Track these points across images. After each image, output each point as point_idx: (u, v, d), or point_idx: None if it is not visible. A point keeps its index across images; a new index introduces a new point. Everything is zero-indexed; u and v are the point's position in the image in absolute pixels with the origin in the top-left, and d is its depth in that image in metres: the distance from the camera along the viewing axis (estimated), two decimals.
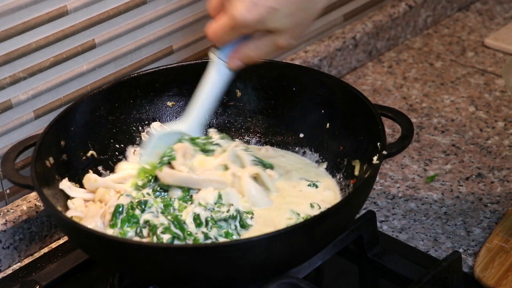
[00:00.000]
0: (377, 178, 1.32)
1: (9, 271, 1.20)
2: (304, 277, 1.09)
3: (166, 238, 1.03)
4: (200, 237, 1.04)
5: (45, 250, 1.23)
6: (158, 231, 1.03)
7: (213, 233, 1.05)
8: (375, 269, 1.16)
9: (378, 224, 1.23)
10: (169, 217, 1.05)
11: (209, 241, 1.04)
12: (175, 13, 1.36)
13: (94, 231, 1.02)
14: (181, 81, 1.25)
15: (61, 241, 1.24)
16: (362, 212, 1.20)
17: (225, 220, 1.07)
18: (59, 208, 1.08)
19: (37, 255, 1.23)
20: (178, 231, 1.03)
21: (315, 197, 1.14)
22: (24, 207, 1.21)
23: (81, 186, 1.15)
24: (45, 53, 1.22)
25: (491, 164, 1.35)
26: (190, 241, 1.03)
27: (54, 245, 1.24)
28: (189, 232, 1.04)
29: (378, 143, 1.09)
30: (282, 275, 1.04)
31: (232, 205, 1.08)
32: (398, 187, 1.32)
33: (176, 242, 1.03)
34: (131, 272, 1.05)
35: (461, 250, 1.20)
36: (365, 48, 1.62)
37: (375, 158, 1.09)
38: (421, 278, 1.07)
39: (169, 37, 1.36)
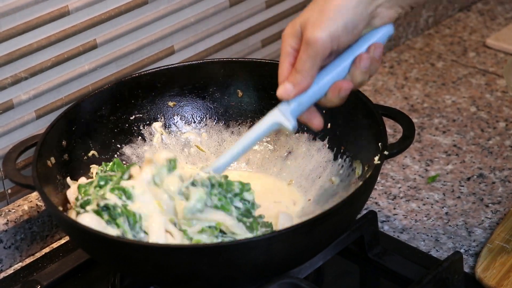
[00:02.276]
0: (378, 178, 1.32)
1: (10, 271, 1.20)
2: (305, 277, 1.09)
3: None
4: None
5: (46, 250, 1.23)
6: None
7: None
8: (376, 269, 1.16)
9: (379, 224, 1.23)
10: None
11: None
12: (176, 13, 1.36)
13: (95, 231, 1.02)
14: (182, 81, 1.25)
15: (62, 241, 1.24)
16: (363, 212, 1.20)
17: None
18: (60, 208, 1.08)
19: (38, 255, 1.23)
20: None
21: None
22: (26, 207, 1.21)
23: None
24: (46, 53, 1.22)
25: (492, 165, 1.35)
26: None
27: (55, 245, 1.24)
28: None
29: (380, 143, 1.09)
30: (282, 275, 1.04)
31: None
32: (399, 187, 1.32)
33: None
34: (132, 272, 1.06)
35: (462, 251, 1.20)
36: None
37: (376, 158, 1.09)
38: (422, 279, 1.07)
39: (170, 37, 1.37)
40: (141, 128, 1.24)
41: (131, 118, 1.24)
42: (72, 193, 1.12)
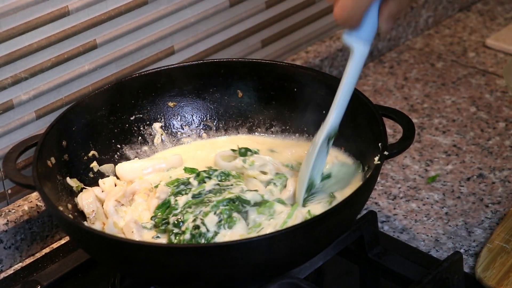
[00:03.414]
0: (378, 179, 1.32)
1: (10, 271, 1.20)
2: (305, 277, 1.09)
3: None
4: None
5: (47, 250, 1.23)
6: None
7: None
8: (376, 269, 1.16)
9: (379, 225, 1.23)
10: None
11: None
12: (176, 13, 1.36)
13: (95, 231, 1.02)
14: (182, 82, 1.25)
15: (62, 241, 1.24)
16: (363, 212, 1.20)
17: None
18: (61, 208, 1.08)
19: (38, 255, 1.23)
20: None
21: None
22: (26, 207, 1.21)
23: (84, 185, 1.16)
24: (46, 54, 1.22)
25: (492, 165, 1.35)
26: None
27: (55, 245, 1.24)
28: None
29: (380, 144, 1.09)
30: (283, 275, 1.04)
31: None
32: (399, 188, 1.32)
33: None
34: (132, 272, 1.06)
35: (462, 251, 1.20)
36: None
37: (376, 158, 1.09)
38: (422, 279, 1.07)
39: (170, 38, 1.37)
40: (141, 128, 1.24)
41: (131, 118, 1.24)
42: (84, 198, 1.12)
